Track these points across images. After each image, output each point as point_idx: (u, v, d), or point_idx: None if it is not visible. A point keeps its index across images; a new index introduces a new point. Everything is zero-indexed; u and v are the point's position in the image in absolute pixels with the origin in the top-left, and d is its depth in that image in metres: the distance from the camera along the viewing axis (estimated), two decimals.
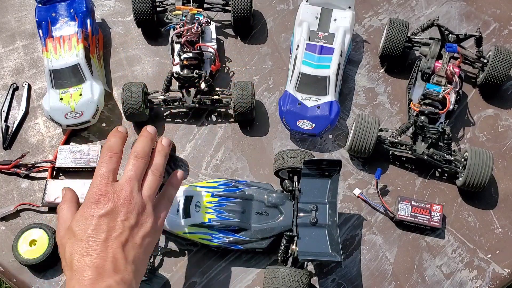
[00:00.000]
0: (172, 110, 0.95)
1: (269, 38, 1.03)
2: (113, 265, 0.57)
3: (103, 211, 0.60)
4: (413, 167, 0.90)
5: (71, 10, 0.96)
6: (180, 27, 0.90)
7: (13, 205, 0.86)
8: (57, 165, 0.87)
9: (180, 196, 0.80)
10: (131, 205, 0.61)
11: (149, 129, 0.70)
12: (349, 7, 0.96)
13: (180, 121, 0.94)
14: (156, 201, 0.66)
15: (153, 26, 1.01)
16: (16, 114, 0.95)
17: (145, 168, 0.65)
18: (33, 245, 0.79)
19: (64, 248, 0.59)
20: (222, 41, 1.02)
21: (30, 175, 0.89)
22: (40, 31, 0.95)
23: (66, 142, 0.92)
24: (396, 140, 0.87)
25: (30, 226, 0.80)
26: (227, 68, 0.99)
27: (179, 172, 0.72)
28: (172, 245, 0.83)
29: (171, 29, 0.94)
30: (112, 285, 0.55)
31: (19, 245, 0.79)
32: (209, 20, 0.95)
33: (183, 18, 0.92)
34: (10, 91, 0.97)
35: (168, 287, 0.81)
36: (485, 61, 0.93)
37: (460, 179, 0.85)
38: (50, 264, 0.80)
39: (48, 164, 0.88)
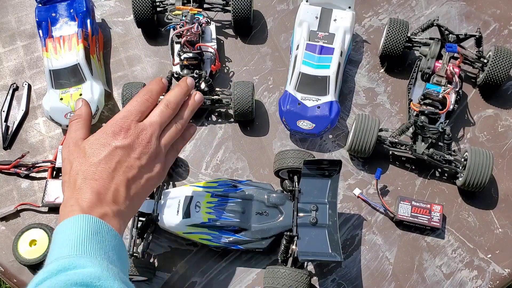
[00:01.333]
0: None
1: (269, 38, 1.03)
2: (114, 196, 0.58)
3: (120, 144, 0.60)
4: (413, 167, 0.90)
5: (71, 10, 0.96)
6: (180, 27, 0.90)
7: (13, 205, 0.86)
8: (57, 165, 0.87)
9: (180, 196, 0.80)
10: (147, 148, 0.62)
11: (189, 81, 0.70)
12: (349, 7, 0.95)
13: None
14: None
15: (153, 26, 1.01)
16: (16, 114, 0.95)
17: (170, 118, 0.66)
18: (33, 245, 0.79)
19: (71, 165, 0.59)
20: (222, 41, 1.02)
21: (30, 175, 0.89)
22: (40, 31, 0.95)
23: None
24: (396, 140, 0.87)
25: (30, 226, 0.80)
26: (227, 68, 0.99)
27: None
28: (172, 245, 0.84)
29: (171, 29, 0.94)
30: (108, 214, 0.56)
31: (19, 245, 0.79)
32: (209, 20, 0.95)
33: (183, 18, 0.92)
34: (10, 91, 0.97)
35: (168, 286, 0.81)
36: (485, 61, 0.93)
37: (460, 179, 0.85)
38: None
39: (48, 164, 0.88)
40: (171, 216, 0.79)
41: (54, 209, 0.86)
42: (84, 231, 0.53)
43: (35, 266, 0.79)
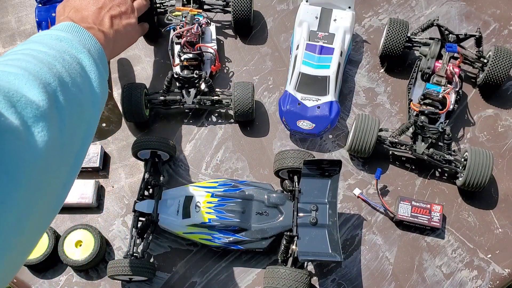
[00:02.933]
0: (172, 111, 0.95)
1: (269, 38, 1.03)
2: (100, 22, 0.72)
3: None
4: (413, 167, 0.90)
5: None
6: (180, 28, 0.90)
7: None
8: None
9: (180, 196, 0.81)
10: (125, 1, 0.78)
11: None
12: (349, 7, 0.95)
13: (180, 121, 0.94)
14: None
15: (153, 27, 1.01)
16: None
17: None
18: None
19: (65, 9, 0.73)
20: (222, 42, 1.02)
21: None
22: (40, 31, 0.95)
23: None
24: (396, 140, 0.87)
25: None
26: (227, 68, 0.99)
27: None
28: (172, 245, 0.84)
29: (171, 30, 0.94)
30: (94, 28, 0.68)
31: None
32: (209, 21, 0.95)
33: (183, 19, 0.92)
34: None
35: (168, 286, 0.81)
36: (485, 61, 0.93)
37: (460, 179, 0.85)
38: (50, 264, 0.80)
39: None
40: (171, 216, 0.79)
41: None
42: (72, 29, 0.64)
43: (35, 266, 0.79)
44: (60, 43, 0.58)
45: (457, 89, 0.90)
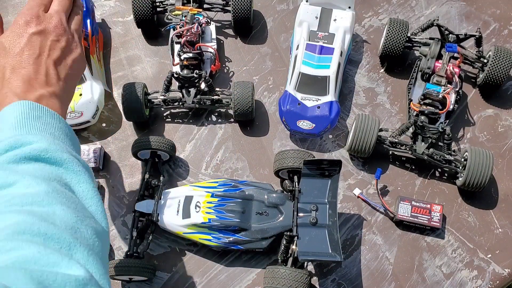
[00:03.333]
0: (172, 110, 0.95)
1: (269, 38, 1.03)
2: (46, 79, 0.58)
3: (36, 30, 0.60)
4: (413, 167, 0.90)
5: None
6: (180, 27, 0.90)
7: None
8: None
9: (180, 196, 0.80)
10: (61, 30, 0.63)
11: None
12: (349, 7, 0.95)
13: (180, 121, 0.94)
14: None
15: (153, 26, 1.01)
16: None
17: (70, 6, 0.67)
18: None
19: (3, 90, 0.58)
20: (222, 41, 1.02)
21: None
22: None
23: None
24: (396, 140, 0.87)
25: None
26: (227, 68, 0.99)
27: None
28: (172, 245, 0.84)
29: (171, 29, 0.94)
30: (45, 95, 0.56)
31: None
32: (209, 20, 0.95)
33: (183, 18, 0.92)
34: None
35: (168, 286, 0.81)
36: (485, 61, 0.93)
37: (460, 179, 0.85)
38: None
39: None
40: (171, 216, 0.79)
41: None
42: (25, 115, 0.52)
43: None
44: (38, 174, 0.47)
45: (457, 89, 0.90)
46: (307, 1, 0.96)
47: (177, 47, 0.92)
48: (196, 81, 0.89)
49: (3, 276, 0.35)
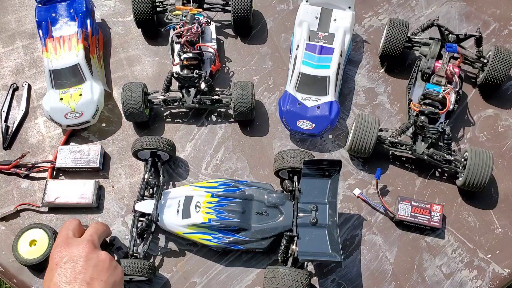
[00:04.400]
0: (172, 110, 0.95)
1: (269, 38, 1.03)
2: None
3: (66, 259, 0.68)
4: (413, 167, 0.90)
5: (71, 10, 0.96)
6: (180, 27, 0.90)
7: (13, 205, 0.86)
8: (57, 165, 0.87)
9: (180, 196, 0.80)
10: (91, 250, 0.71)
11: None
12: (349, 7, 0.95)
13: (180, 121, 0.94)
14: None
15: (153, 26, 1.01)
16: (16, 114, 0.95)
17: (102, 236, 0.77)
18: (33, 245, 0.79)
19: None
20: (222, 41, 1.02)
21: (30, 175, 0.89)
22: (40, 31, 0.95)
23: (66, 142, 0.92)
24: (396, 140, 0.87)
25: (30, 226, 0.80)
26: (227, 68, 0.99)
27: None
28: (172, 245, 0.83)
29: (171, 29, 0.94)
30: None
31: (19, 245, 0.79)
32: (209, 20, 0.95)
33: (183, 18, 0.92)
34: (10, 91, 0.97)
35: (168, 286, 0.81)
36: (485, 61, 0.93)
37: (460, 179, 0.85)
38: None
39: (48, 164, 0.88)
40: (171, 216, 0.79)
41: (54, 209, 0.86)
42: None
43: (35, 266, 0.79)
44: None
45: (457, 89, 0.90)
46: (307, 1, 0.96)
47: (177, 47, 0.92)
48: (196, 81, 0.89)
49: None
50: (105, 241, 0.81)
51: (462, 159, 0.85)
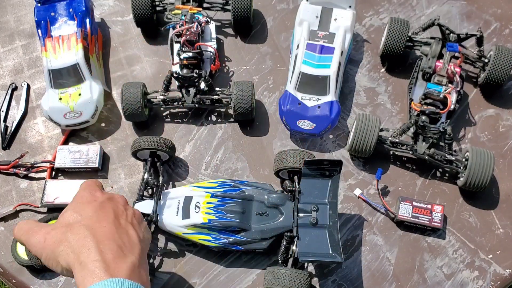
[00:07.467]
0: (172, 110, 0.94)
1: (269, 38, 1.02)
2: (130, 244, 0.58)
3: (104, 198, 0.62)
4: (414, 167, 0.90)
5: (70, 10, 0.95)
6: (179, 27, 0.90)
7: (12, 206, 0.86)
8: (56, 165, 0.87)
9: (179, 196, 0.80)
10: (125, 202, 0.65)
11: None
12: (350, 6, 0.95)
13: (180, 121, 0.94)
14: None
15: (152, 26, 1.00)
16: (15, 114, 0.95)
17: None
18: None
19: (68, 241, 0.56)
20: (222, 41, 1.02)
21: (29, 175, 0.89)
22: (39, 30, 0.95)
23: (65, 142, 0.91)
24: (397, 140, 0.87)
25: None
26: (227, 67, 0.99)
27: None
28: (172, 246, 0.83)
29: (171, 29, 0.94)
30: (135, 262, 0.55)
31: (18, 246, 0.79)
32: (208, 20, 0.95)
33: (183, 17, 0.92)
34: (9, 91, 0.96)
35: (168, 286, 0.81)
36: (486, 60, 0.93)
37: (461, 179, 0.85)
38: None
39: (47, 164, 0.88)
40: (170, 217, 0.79)
41: (53, 209, 0.85)
42: None
43: (34, 267, 0.79)
44: None
45: (458, 89, 0.89)
46: (307, 0, 0.95)
47: (176, 47, 0.92)
48: (195, 80, 0.89)
49: None
50: None
51: (463, 159, 0.85)
